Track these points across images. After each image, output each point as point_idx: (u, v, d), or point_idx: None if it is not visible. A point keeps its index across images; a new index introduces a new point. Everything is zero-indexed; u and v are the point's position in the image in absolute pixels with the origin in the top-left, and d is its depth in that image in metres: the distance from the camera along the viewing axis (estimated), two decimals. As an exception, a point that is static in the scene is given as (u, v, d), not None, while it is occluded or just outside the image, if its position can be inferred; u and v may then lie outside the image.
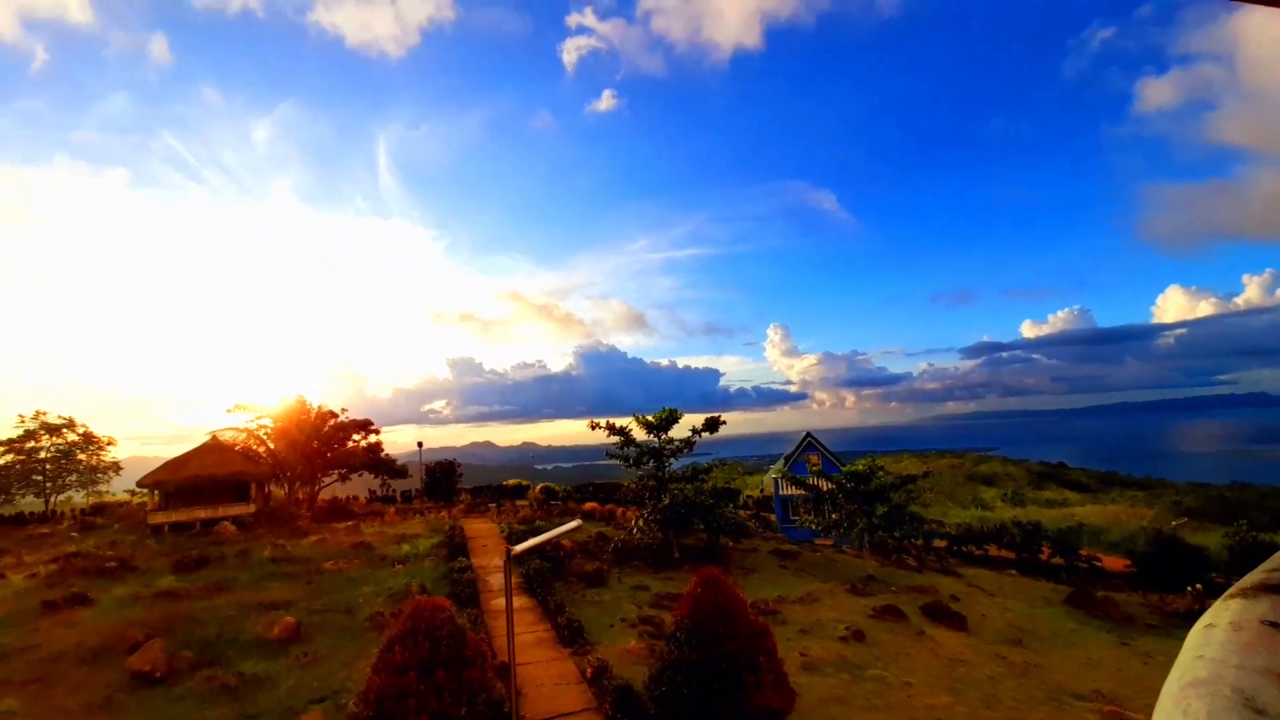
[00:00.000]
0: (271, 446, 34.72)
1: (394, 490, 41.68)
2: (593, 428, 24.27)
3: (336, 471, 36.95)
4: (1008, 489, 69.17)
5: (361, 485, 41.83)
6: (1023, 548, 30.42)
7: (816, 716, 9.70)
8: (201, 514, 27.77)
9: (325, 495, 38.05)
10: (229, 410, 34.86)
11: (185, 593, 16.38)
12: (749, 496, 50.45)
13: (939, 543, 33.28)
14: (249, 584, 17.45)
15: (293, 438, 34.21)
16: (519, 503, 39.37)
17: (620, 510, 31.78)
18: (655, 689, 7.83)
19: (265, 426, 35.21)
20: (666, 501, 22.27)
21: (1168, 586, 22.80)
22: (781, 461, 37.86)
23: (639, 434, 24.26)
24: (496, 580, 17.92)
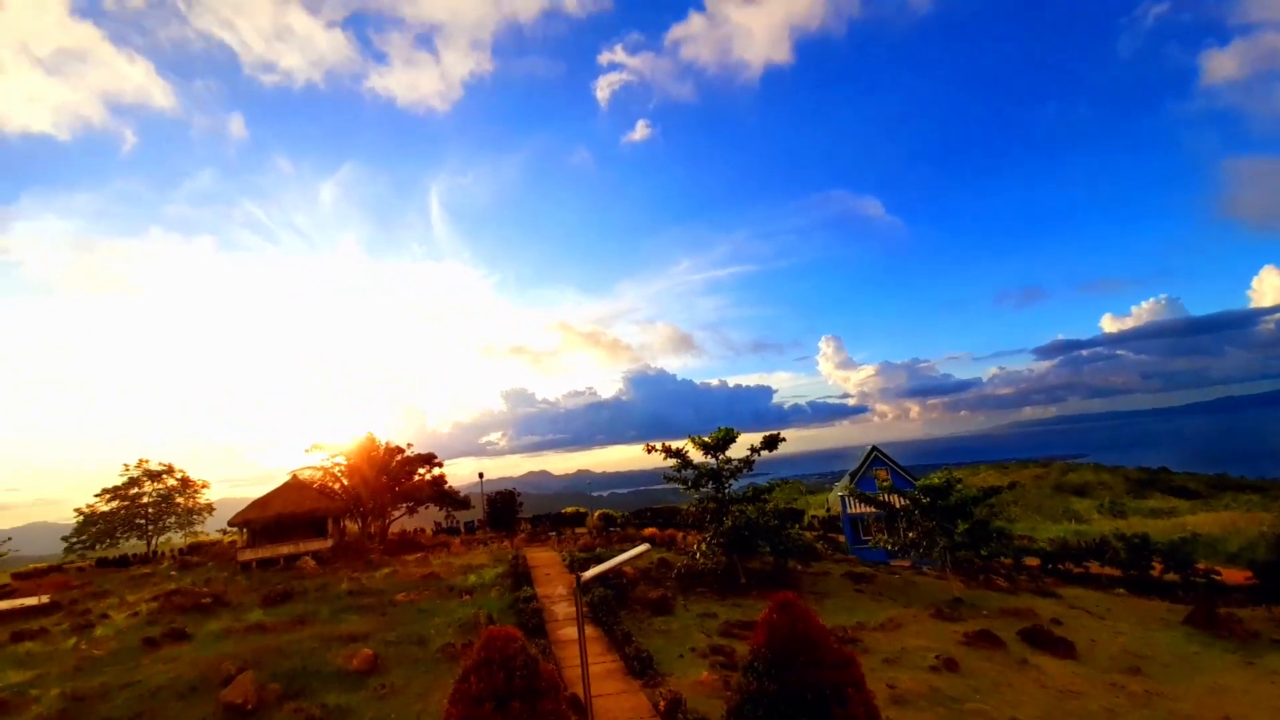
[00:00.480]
0: (345, 483, 36.44)
1: (458, 521, 42.70)
2: (649, 451, 24.07)
3: (405, 505, 38.28)
4: (1103, 499, 63.20)
5: (427, 518, 43.09)
6: (1130, 564, 27.52)
7: (913, 755, 8.91)
8: (285, 550, 29.30)
9: (395, 528, 39.41)
10: (307, 450, 36.97)
11: (272, 626, 17.18)
12: (813, 517, 48.41)
13: (1030, 561, 30.61)
14: (329, 617, 18.12)
15: (364, 474, 35.81)
16: (578, 530, 39.39)
17: (681, 535, 31.15)
18: (734, 723, 7.39)
19: (339, 464, 37.06)
20: (729, 524, 21.62)
21: (1294, 598, 19.97)
22: (847, 478, 36.20)
23: (696, 455, 23.85)
24: (562, 609, 17.81)
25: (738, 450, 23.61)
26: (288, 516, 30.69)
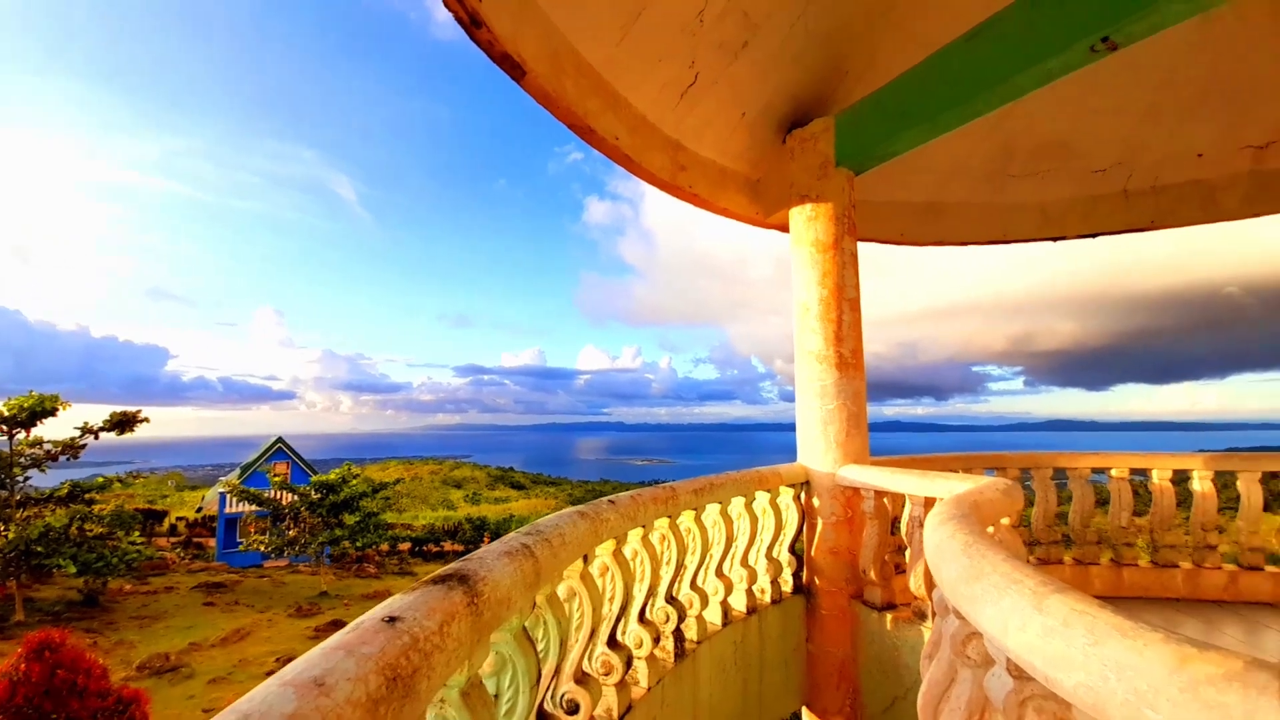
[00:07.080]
0: None
1: None
2: None
3: None
4: (471, 490, 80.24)
5: None
6: (471, 540, 35.78)
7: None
8: None
9: None
10: None
11: None
12: (180, 518, 39.04)
13: (404, 545, 34.97)
14: None
15: None
16: None
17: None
18: None
19: None
20: (11, 536, 14.53)
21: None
22: (236, 472, 31.39)
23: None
24: None
25: (62, 428, 16.60)
26: None
